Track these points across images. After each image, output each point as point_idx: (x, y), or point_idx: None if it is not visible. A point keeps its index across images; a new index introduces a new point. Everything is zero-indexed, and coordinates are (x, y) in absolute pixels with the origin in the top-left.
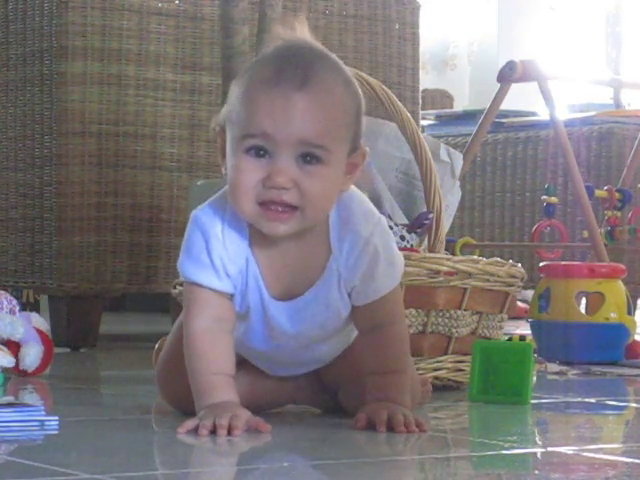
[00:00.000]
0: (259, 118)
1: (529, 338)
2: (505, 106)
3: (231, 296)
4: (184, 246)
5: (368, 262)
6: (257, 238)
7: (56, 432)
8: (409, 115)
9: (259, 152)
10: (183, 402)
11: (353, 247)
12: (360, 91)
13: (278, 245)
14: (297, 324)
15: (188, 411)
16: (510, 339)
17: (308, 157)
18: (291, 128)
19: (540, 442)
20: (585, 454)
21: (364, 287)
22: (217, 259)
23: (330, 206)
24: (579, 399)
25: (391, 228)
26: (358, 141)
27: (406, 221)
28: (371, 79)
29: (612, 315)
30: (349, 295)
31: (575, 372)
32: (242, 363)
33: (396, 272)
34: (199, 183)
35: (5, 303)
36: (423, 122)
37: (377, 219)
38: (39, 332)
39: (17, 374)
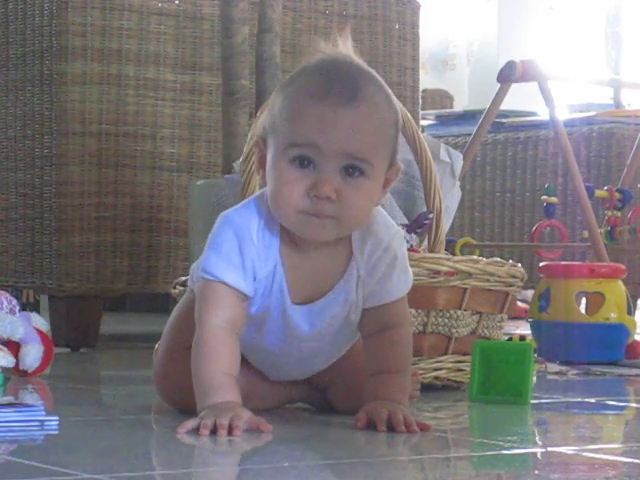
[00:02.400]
0: (307, 129)
1: (529, 338)
2: (505, 106)
3: (247, 299)
4: (212, 244)
5: (386, 266)
6: (287, 245)
7: (56, 432)
8: (409, 115)
9: (303, 162)
10: (180, 398)
11: (374, 250)
12: (398, 108)
13: (306, 252)
14: (315, 326)
15: (183, 407)
16: (510, 339)
17: (351, 169)
18: (338, 140)
19: (540, 442)
20: (585, 454)
21: (379, 290)
22: (248, 261)
23: (366, 219)
24: (579, 399)
25: None
26: (395, 157)
27: (406, 221)
28: None
29: (612, 315)
30: (363, 298)
31: (575, 372)
32: (240, 365)
33: (408, 280)
34: (199, 183)
35: (5, 303)
36: (423, 122)
37: (396, 229)
38: (39, 332)
39: (17, 374)
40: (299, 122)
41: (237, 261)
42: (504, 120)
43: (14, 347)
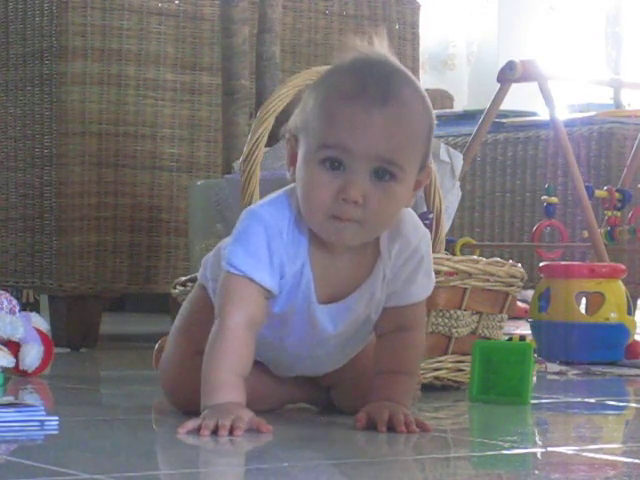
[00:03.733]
0: (338, 130)
1: (529, 338)
2: (505, 106)
3: (271, 296)
4: (238, 239)
5: (413, 268)
6: (315, 244)
7: (56, 432)
8: None
9: (334, 164)
10: (191, 402)
11: (402, 251)
12: (432, 110)
13: (334, 252)
14: (339, 325)
15: (191, 409)
16: (510, 339)
17: (382, 172)
18: (370, 143)
19: (540, 442)
20: (585, 454)
21: (402, 290)
22: (276, 258)
23: (392, 222)
24: (579, 399)
25: None
26: (427, 159)
27: None
28: None
29: (612, 315)
30: (386, 297)
31: (575, 372)
32: None
33: (431, 284)
34: (199, 183)
35: (5, 303)
36: None
37: (424, 231)
38: (39, 332)
39: (17, 374)
40: (330, 123)
41: (265, 258)
42: (504, 120)
43: (14, 347)
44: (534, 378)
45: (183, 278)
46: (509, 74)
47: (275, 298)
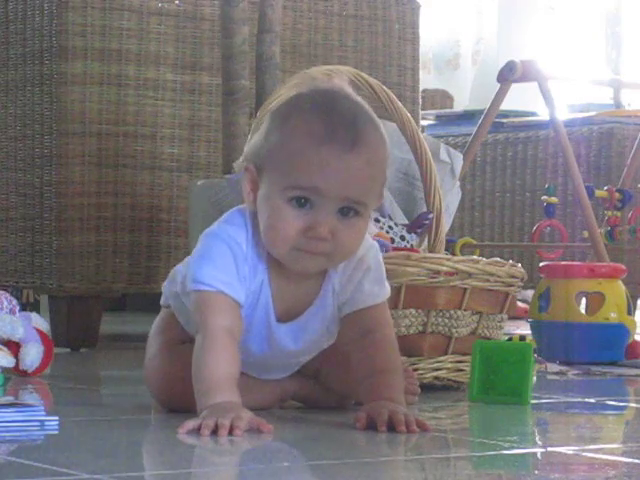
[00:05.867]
0: (310, 174)
1: (529, 338)
2: (505, 106)
3: (242, 309)
4: (204, 256)
5: (359, 277)
6: (273, 264)
7: (56, 432)
8: (409, 115)
9: (301, 201)
10: (174, 396)
11: (348, 264)
12: (386, 139)
13: (290, 273)
14: (299, 342)
15: (176, 406)
16: (510, 339)
17: (347, 210)
18: (340, 185)
19: (540, 442)
20: (585, 454)
21: (351, 298)
22: (241, 272)
23: (356, 251)
24: (579, 399)
25: (391, 228)
26: (383, 188)
27: (406, 221)
28: (371, 79)
29: (612, 315)
30: (338, 308)
31: (575, 372)
32: None
33: (383, 292)
34: (199, 183)
35: (5, 303)
36: (423, 122)
37: (371, 243)
38: (39, 332)
39: (17, 374)
40: (301, 166)
41: (234, 272)
42: (504, 120)
43: (14, 347)
44: (534, 378)
45: None
46: (509, 74)
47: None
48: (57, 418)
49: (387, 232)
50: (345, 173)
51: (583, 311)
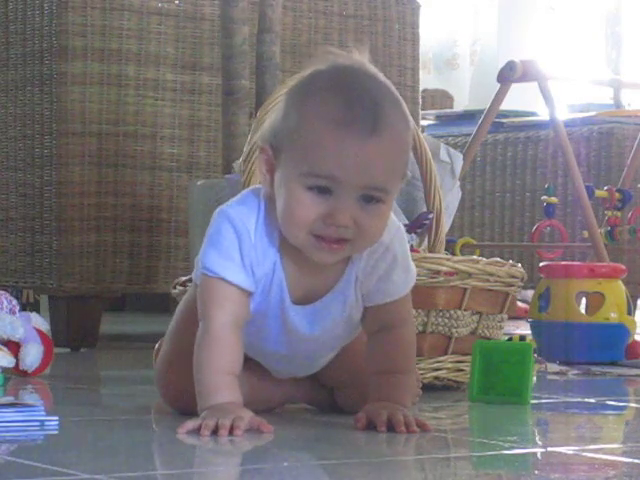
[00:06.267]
0: (328, 161)
1: (529, 338)
2: (505, 106)
3: (250, 295)
4: (210, 240)
5: (385, 268)
6: (286, 245)
7: (56, 432)
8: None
9: (320, 189)
10: (185, 401)
11: (373, 252)
12: (412, 121)
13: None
14: (314, 327)
15: (188, 411)
16: (510, 339)
17: (369, 197)
18: (360, 174)
19: (540, 442)
20: (585, 454)
21: (378, 289)
22: (247, 258)
23: (380, 236)
24: (579, 399)
25: None
26: (407, 170)
27: (406, 221)
28: None
29: (612, 315)
30: (362, 297)
31: (575, 372)
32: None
33: (410, 279)
34: (199, 183)
35: (5, 303)
36: (423, 122)
37: (397, 226)
38: (39, 332)
39: (17, 374)
40: (319, 153)
41: (237, 257)
42: (504, 120)
43: (14, 347)
44: (534, 378)
45: (183, 278)
46: (509, 74)
47: (251, 297)
48: (57, 418)
49: None
50: (364, 161)
51: (583, 311)
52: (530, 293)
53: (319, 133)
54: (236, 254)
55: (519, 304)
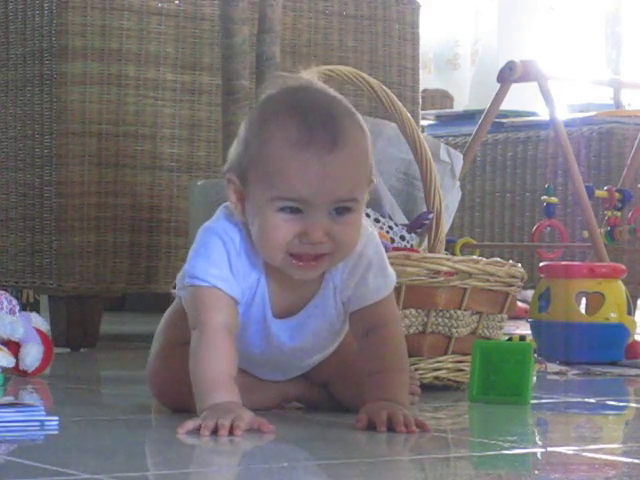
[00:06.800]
0: (293, 184)
1: (529, 338)
2: (505, 106)
3: (238, 304)
4: (198, 252)
5: (361, 273)
6: (268, 264)
7: (56, 432)
8: (409, 115)
9: (291, 209)
10: (175, 397)
11: (347, 260)
12: (365, 126)
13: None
14: (295, 339)
15: (178, 407)
16: (510, 339)
17: (340, 210)
18: (327, 192)
19: (540, 442)
20: (585, 454)
21: (357, 294)
22: (234, 268)
23: (357, 244)
24: (579, 399)
25: (391, 228)
26: (371, 174)
27: (406, 221)
28: (371, 79)
29: (612, 315)
30: (343, 304)
31: (575, 372)
32: None
33: (389, 282)
34: (199, 183)
35: (5, 303)
36: (423, 122)
37: (369, 233)
38: (39, 332)
39: (17, 374)
40: (283, 176)
41: (226, 268)
42: (504, 120)
43: (14, 347)
44: (534, 378)
45: None
46: (509, 74)
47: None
48: (57, 418)
49: (387, 232)
50: (329, 177)
51: (583, 311)
52: (530, 293)
53: (280, 157)
54: (225, 264)
55: (519, 304)
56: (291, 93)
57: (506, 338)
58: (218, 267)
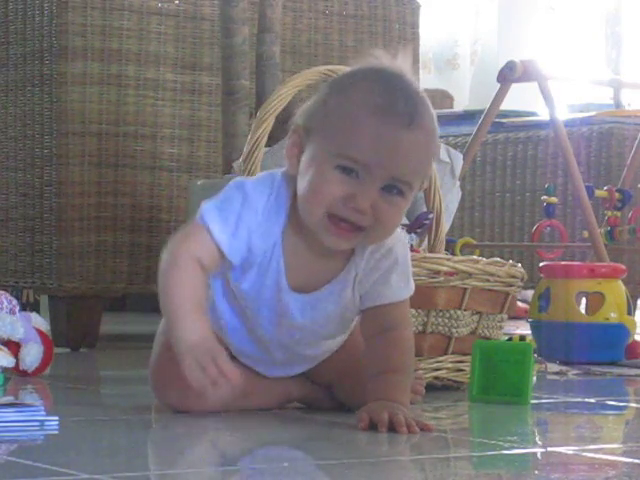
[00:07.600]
0: (361, 145)
1: (529, 338)
2: (505, 106)
3: (225, 260)
4: (217, 200)
5: (385, 268)
6: (291, 228)
7: (56, 432)
8: None
9: (347, 169)
10: (177, 397)
11: (375, 251)
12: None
13: (308, 241)
14: (307, 317)
15: (180, 407)
16: (510, 339)
17: (391, 188)
18: (390, 163)
19: (540, 442)
20: (585, 454)
21: (375, 291)
22: (243, 230)
23: (393, 230)
24: (579, 399)
25: None
26: (428, 178)
27: (406, 221)
28: None
29: (612, 315)
30: (360, 297)
31: (575, 372)
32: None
33: (409, 286)
34: (199, 183)
35: (5, 303)
36: None
37: (400, 236)
38: (39, 332)
39: (17, 374)
40: (354, 135)
41: (232, 224)
42: (504, 120)
43: (14, 347)
44: (534, 378)
45: None
46: (509, 74)
47: (244, 273)
48: (57, 418)
49: None
50: (397, 151)
51: (583, 311)
52: (530, 293)
53: (357, 116)
54: (232, 221)
55: (519, 304)
56: (382, 67)
57: (506, 338)
58: (224, 220)
